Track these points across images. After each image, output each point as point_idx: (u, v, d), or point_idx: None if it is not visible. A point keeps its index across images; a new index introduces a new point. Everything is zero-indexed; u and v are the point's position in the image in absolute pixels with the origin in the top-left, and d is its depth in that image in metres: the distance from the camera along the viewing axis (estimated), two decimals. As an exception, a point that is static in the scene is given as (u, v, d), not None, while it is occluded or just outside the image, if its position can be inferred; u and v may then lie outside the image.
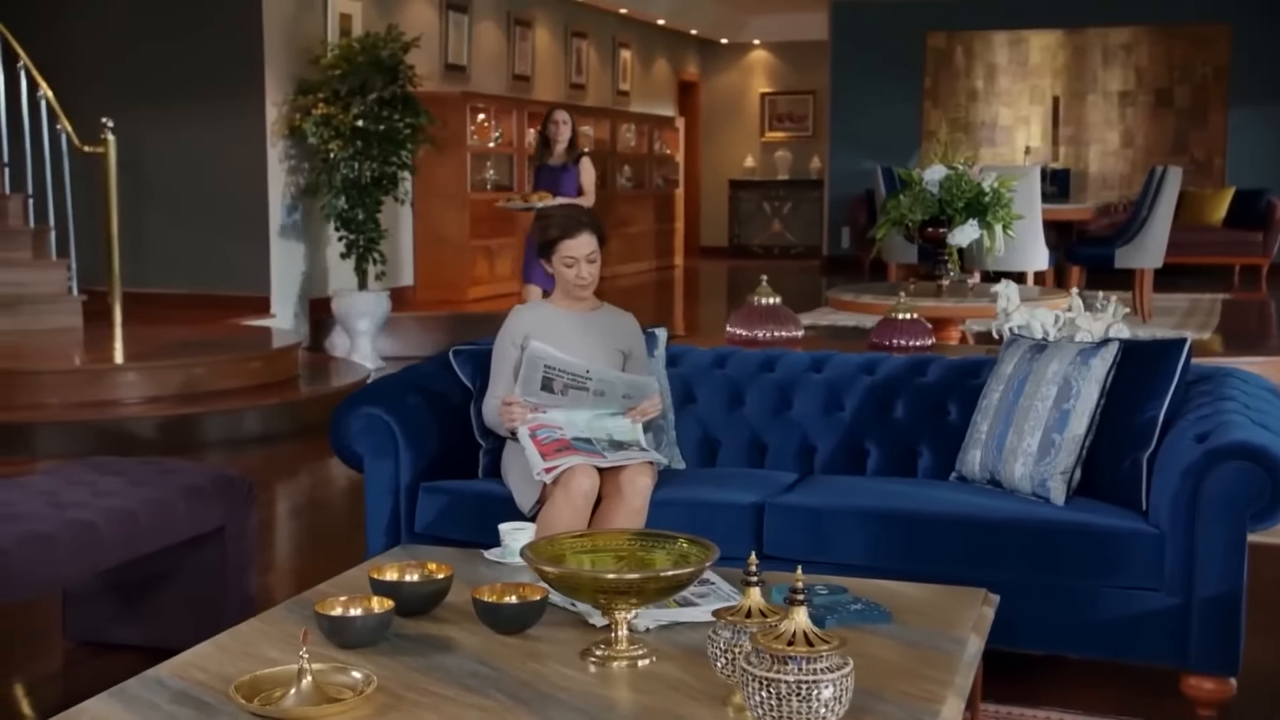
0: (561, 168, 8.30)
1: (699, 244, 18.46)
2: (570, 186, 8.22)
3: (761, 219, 18.43)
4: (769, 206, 18.39)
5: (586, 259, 3.76)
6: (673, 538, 2.62)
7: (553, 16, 14.01)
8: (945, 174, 5.94)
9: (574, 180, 8.26)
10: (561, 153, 8.31)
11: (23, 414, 6.72)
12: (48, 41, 8.97)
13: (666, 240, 16.35)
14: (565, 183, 8.24)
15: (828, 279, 14.51)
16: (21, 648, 3.76)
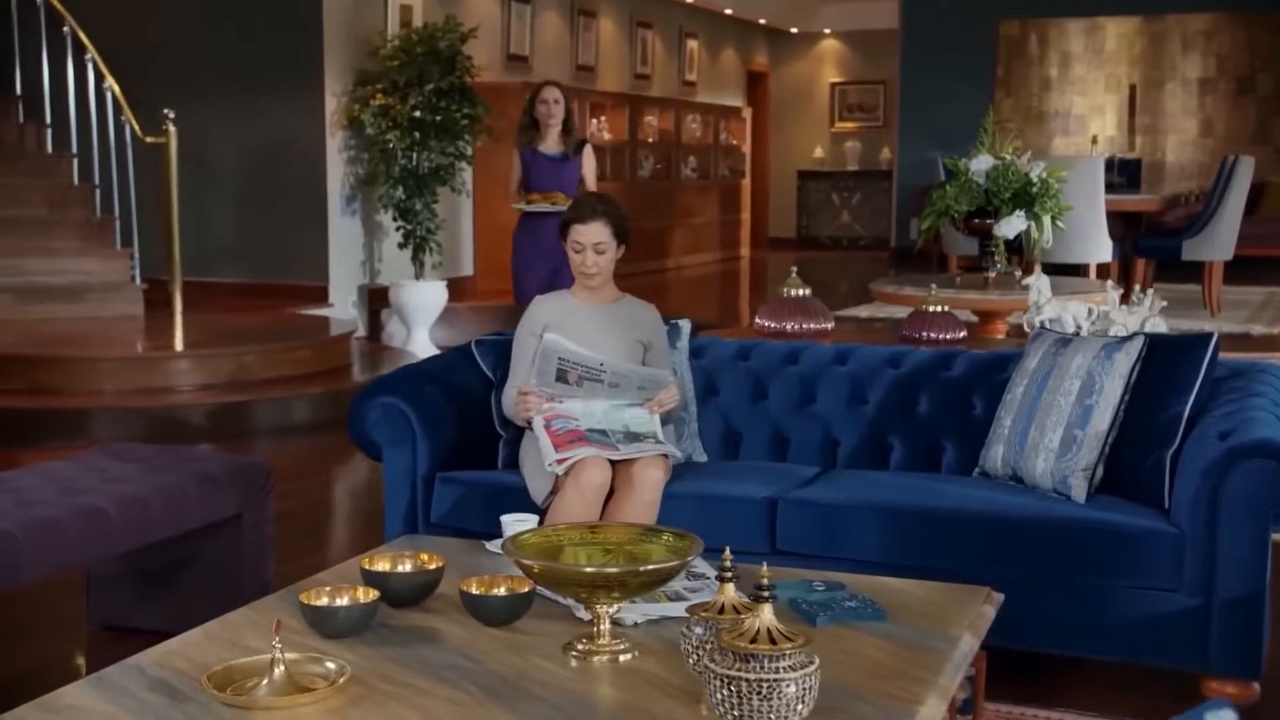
0: (560, 159, 6.87)
1: (767, 235, 18.37)
2: (572, 181, 6.88)
3: (830, 210, 18.29)
4: (838, 197, 18.24)
5: (594, 248, 3.73)
6: (659, 531, 2.59)
7: (617, 6, 13.99)
8: (992, 164, 5.84)
9: (575, 173, 6.92)
10: (557, 139, 6.86)
11: (81, 399, 6.85)
12: (113, 34, 9.11)
13: (732, 231, 16.28)
14: (566, 176, 6.86)
15: (895, 270, 14.36)
16: (45, 631, 3.82)
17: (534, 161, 6.85)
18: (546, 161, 6.85)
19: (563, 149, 6.85)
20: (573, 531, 2.67)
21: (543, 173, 6.81)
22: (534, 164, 6.85)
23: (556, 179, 6.77)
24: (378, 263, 9.88)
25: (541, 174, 6.80)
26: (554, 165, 6.83)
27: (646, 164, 14.21)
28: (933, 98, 15.66)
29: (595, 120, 13.06)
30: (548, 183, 6.73)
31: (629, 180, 13.69)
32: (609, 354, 3.74)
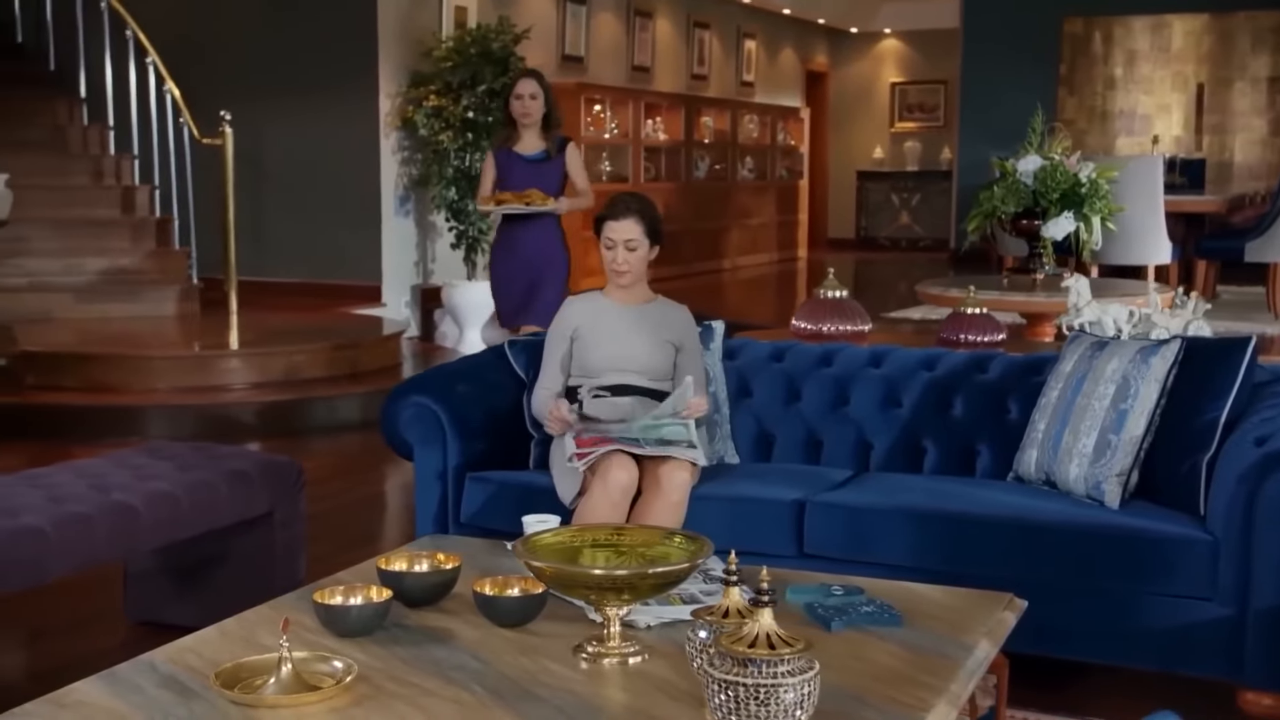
0: (540, 159, 6.00)
1: (825, 236, 18.28)
2: (554, 184, 6.00)
3: (889, 211, 18.17)
4: (897, 198, 18.11)
5: (625, 244, 3.74)
6: (671, 534, 2.58)
7: (674, 7, 13.98)
8: (1040, 164, 5.76)
9: (558, 175, 6.03)
10: (536, 138, 5.98)
11: (135, 397, 6.95)
12: (173, 37, 9.24)
13: (789, 232, 16.22)
14: (547, 179, 5.99)
15: (954, 272, 14.23)
16: (83, 626, 3.88)
17: (509, 164, 6.01)
18: (523, 163, 5.99)
19: (543, 148, 5.98)
20: (595, 533, 2.67)
21: (519, 176, 5.97)
22: (509, 166, 6.01)
23: (536, 182, 5.94)
24: (431, 263, 9.95)
25: (518, 178, 5.97)
26: (532, 167, 5.98)
27: (702, 165, 14.18)
28: (994, 97, 15.48)
29: (650, 121, 13.06)
30: (523, 186, 5.93)
31: (684, 181, 13.68)
32: (640, 353, 3.74)
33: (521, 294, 6.01)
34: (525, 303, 5.99)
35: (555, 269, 6.07)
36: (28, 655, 3.81)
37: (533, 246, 6.02)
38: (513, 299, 6.07)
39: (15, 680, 3.52)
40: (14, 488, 3.26)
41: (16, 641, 3.86)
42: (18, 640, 3.87)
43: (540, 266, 6.01)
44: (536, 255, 6.02)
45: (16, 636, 3.88)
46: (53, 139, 9.28)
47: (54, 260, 8.43)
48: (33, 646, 3.84)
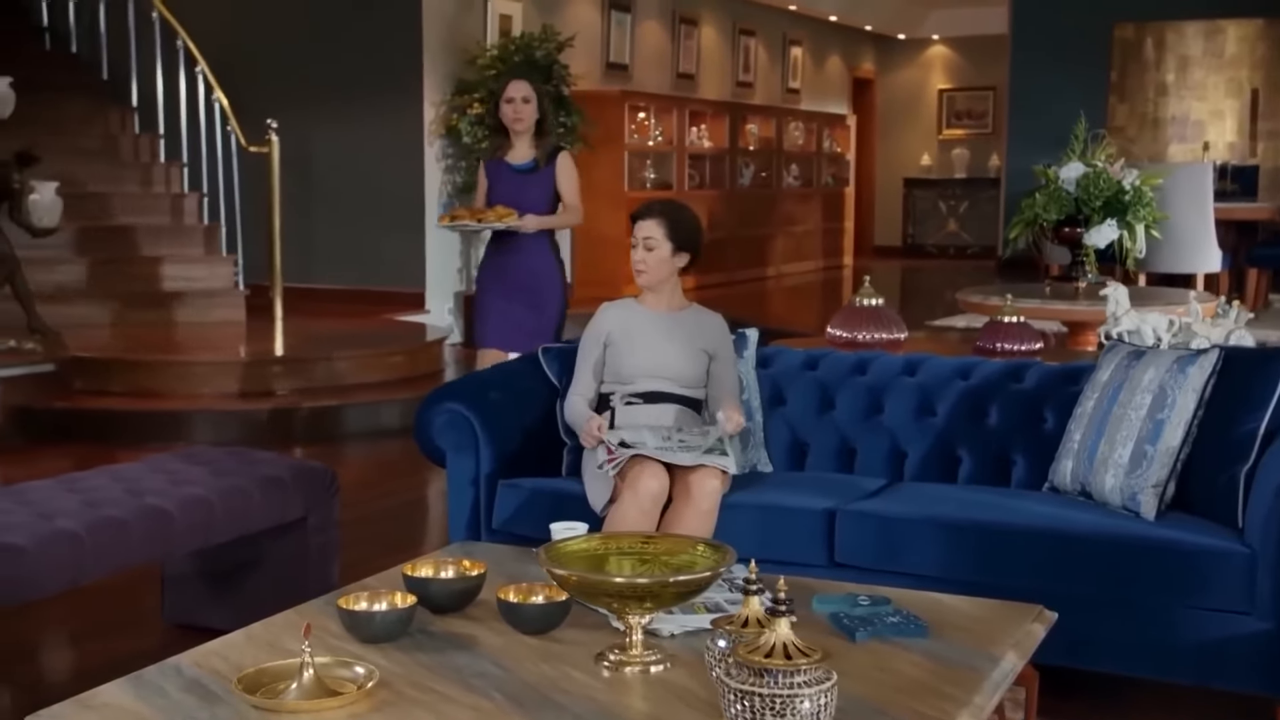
0: (529, 170, 5.32)
1: (872, 243, 18.20)
2: (541, 197, 5.31)
3: (937, 218, 18.06)
4: (945, 205, 18.00)
5: (644, 243, 3.76)
6: (696, 542, 2.58)
7: (719, 14, 13.98)
8: (1083, 172, 5.71)
9: (547, 188, 5.32)
10: (527, 147, 5.33)
11: (180, 402, 7.03)
12: (222, 47, 9.34)
13: (835, 239, 16.16)
14: (533, 192, 5.30)
15: (1002, 280, 14.13)
16: (122, 628, 3.92)
17: (497, 174, 5.38)
18: (511, 174, 5.33)
19: (532, 158, 5.33)
20: (623, 541, 2.67)
21: (505, 188, 5.31)
22: (497, 177, 5.38)
23: (521, 195, 5.26)
24: (474, 269, 9.97)
25: (504, 189, 5.31)
26: (519, 179, 5.31)
27: (747, 172, 14.16)
28: (1043, 104, 15.34)
29: (695, 128, 13.05)
30: (509, 200, 5.24)
31: (728, 188, 13.66)
32: (672, 361, 3.74)
33: (511, 318, 5.34)
34: (515, 326, 5.30)
35: (548, 292, 5.37)
36: (67, 656, 3.86)
37: (521, 268, 5.33)
38: (501, 322, 5.36)
39: (55, 680, 3.57)
40: (51, 492, 3.30)
41: (57, 642, 3.91)
42: (58, 641, 3.92)
43: (530, 289, 5.33)
44: (525, 277, 5.33)
45: (57, 638, 3.93)
46: (105, 147, 9.41)
47: (105, 267, 8.55)
48: (72, 648, 3.89)
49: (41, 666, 3.71)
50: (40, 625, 3.93)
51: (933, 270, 15.94)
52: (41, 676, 3.62)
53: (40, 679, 3.58)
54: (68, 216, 7.59)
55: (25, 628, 3.88)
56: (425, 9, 9.49)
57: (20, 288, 7.15)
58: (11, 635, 3.85)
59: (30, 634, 3.87)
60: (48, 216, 7.12)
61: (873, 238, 18.31)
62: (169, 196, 9.22)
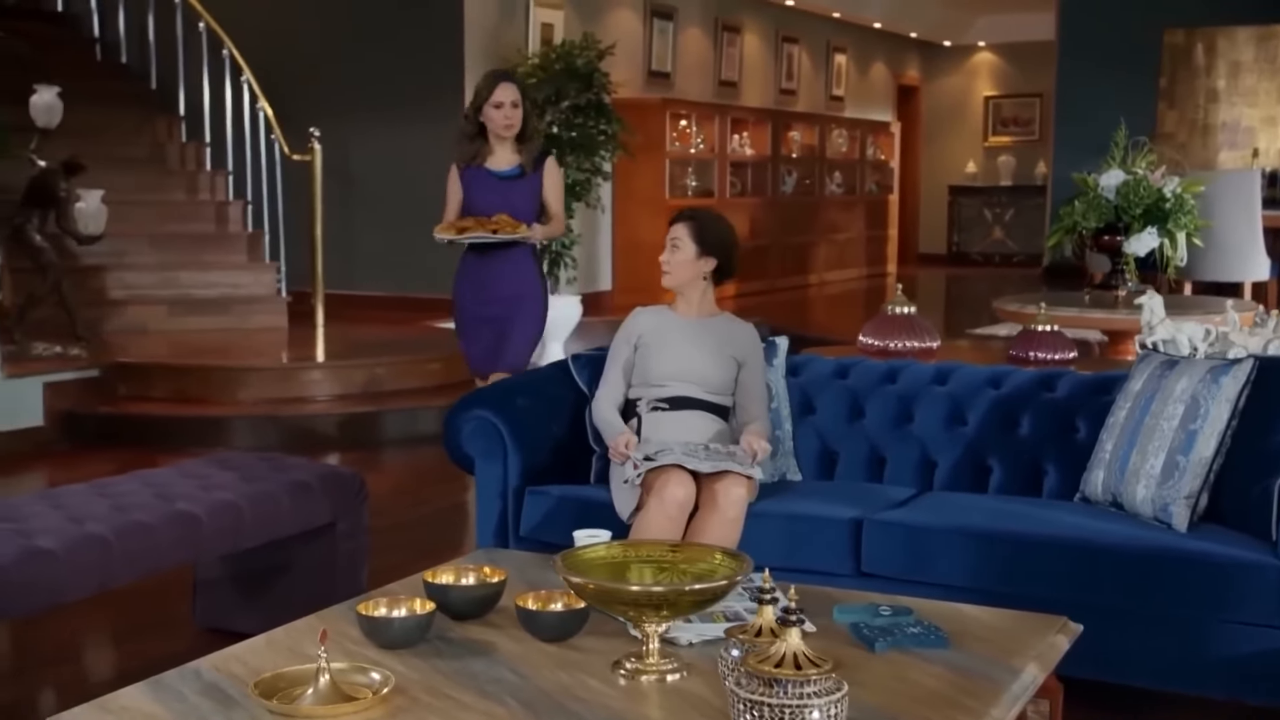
0: (514, 177, 4.92)
1: (916, 251, 18.11)
2: (528, 206, 4.90)
3: (982, 226, 17.94)
4: (990, 213, 17.88)
5: (670, 244, 3.81)
6: (712, 551, 2.57)
7: (762, 22, 13.96)
8: (1123, 179, 5.65)
9: (533, 195, 4.92)
10: (511, 152, 4.92)
11: (221, 408, 7.10)
12: (267, 56, 9.43)
13: (878, 247, 16.09)
14: (519, 200, 4.89)
15: (1047, 288, 14.01)
16: (155, 632, 3.96)
17: (475, 182, 4.91)
18: (494, 182, 4.90)
19: (517, 163, 4.92)
20: (646, 549, 2.66)
21: (486, 196, 4.88)
22: (475, 185, 4.91)
23: (504, 203, 4.86)
24: (514, 277, 10.02)
25: (484, 198, 4.88)
26: (503, 186, 4.90)
27: (789, 179, 14.13)
28: (1091, 110, 15.20)
29: (737, 136, 13.04)
30: (491, 209, 4.85)
31: (770, 196, 13.64)
32: (700, 366, 3.74)
33: (492, 337, 4.97)
34: (497, 346, 4.95)
35: (529, 308, 5.00)
36: (100, 659, 3.90)
37: (504, 282, 4.94)
38: (482, 342, 4.99)
39: (87, 682, 3.60)
40: (84, 496, 3.34)
41: (90, 645, 3.96)
42: (92, 644, 3.96)
43: (512, 304, 4.96)
44: (508, 292, 4.96)
45: (90, 640, 3.97)
46: (152, 156, 9.53)
47: (150, 274, 8.65)
48: (105, 650, 3.94)
49: (75, 669, 3.75)
50: (75, 628, 3.97)
51: (978, 278, 15.83)
52: (74, 679, 3.66)
53: (73, 681, 3.62)
54: (115, 224, 7.70)
55: (60, 630, 3.92)
56: (467, 18, 9.55)
57: (65, 294, 7.27)
58: (46, 638, 3.90)
59: (64, 637, 3.92)
60: (93, 224, 7.23)
61: (917, 245, 18.22)
62: (214, 204, 9.32)
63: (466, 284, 5.03)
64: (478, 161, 4.93)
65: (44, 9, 10.52)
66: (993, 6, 16.89)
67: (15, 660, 3.84)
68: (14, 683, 3.68)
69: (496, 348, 4.96)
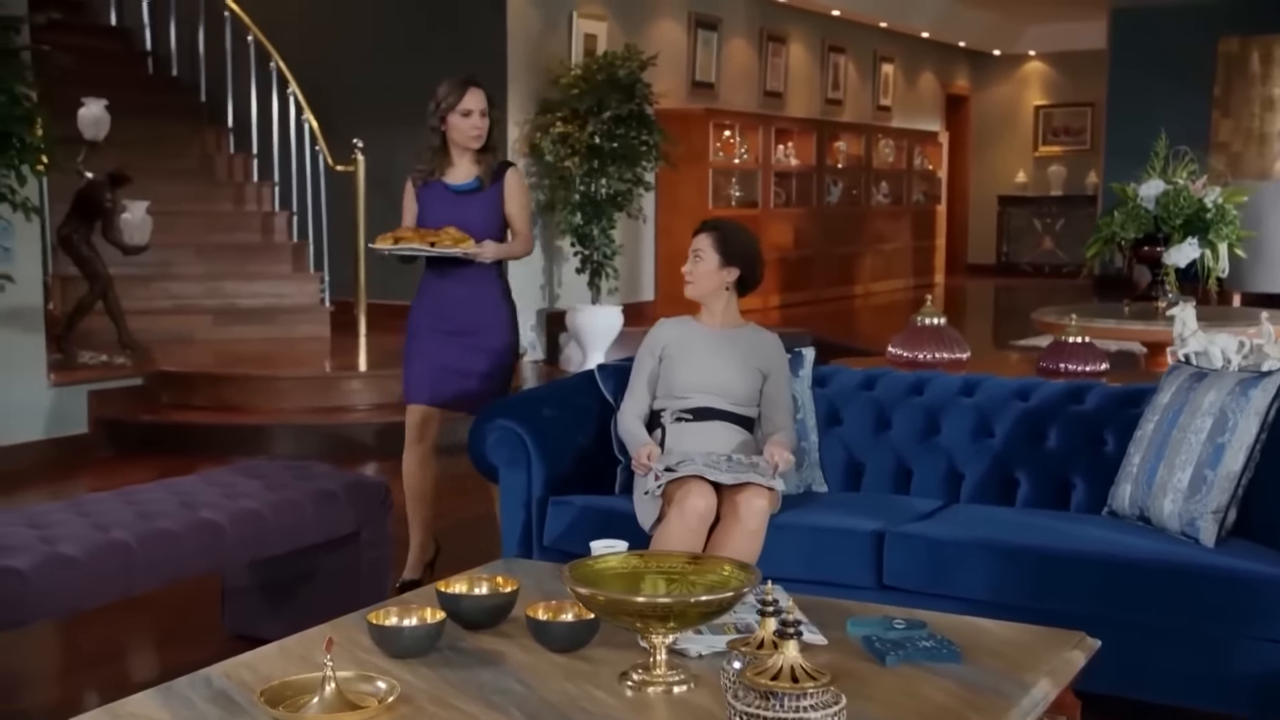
0: (471, 190, 4.39)
1: (965, 261, 17.99)
2: (486, 221, 4.36)
3: (1032, 236, 17.78)
4: (1040, 223, 17.72)
5: (694, 254, 3.82)
6: (722, 562, 2.56)
7: (808, 32, 13.92)
8: (1163, 189, 5.58)
9: (492, 210, 4.38)
10: (469, 165, 4.39)
11: (262, 416, 7.17)
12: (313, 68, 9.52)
13: (925, 257, 15.99)
14: (476, 215, 4.35)
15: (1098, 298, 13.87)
16: (185, 638, 4.00)
17: (430, 197, 4.41)
18: (450, 195, 4.38)
19: (475, 176, 4.39)
20: (662, 560, 2.66)
21: (440, 211, 4.35)
22: (430, 200, 4.40)
23: (458, 219, 4.32)
24: (557, 287, 10.06)
25: (438, 213, 4.35)
26: (459, 200, 4.37)
27: (835, 190, 14.08)
28: (1143, 120, 14.95)
29: (781, 146, 13.02)
30: (452, 224, 4.31)
31: (815, 206, 13.59)
32: (724, 378, 3.74)
33: (441, 365, 4.42)
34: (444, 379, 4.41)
35: (490, 340, 4.47)
36: (129, 665, 3.95)
37: (461, 308, 4.42)
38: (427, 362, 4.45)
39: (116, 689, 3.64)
40: (110, 504, 3.38)
41: (121, 651, 4.00)
42: (122, 650, 4.01)
43: (477, 331, 4.44)
44: (468, 322, 4.43)
45: (120, 646, 4.02)
46: (201, 167, 9.66)
47: (196, 284, 8.76)
48: (135, 656, 3.98)
49: (105, 674, 3.80)
50: (107, 634, 4.02)
51: (1027, 289, 15.69)
52: (104, 684, 3.70)
53: (102, 686, 3.65)
54: (163, 234, 7.81)
55: (93, 636, 3.98)
56: (510, 30, 9.59)
57: (112, 304, 7.37)
58: (80, 643, 3.95)
59: (97, 643, 3.97)
60: (138, 234, 7.33)
61: (966, 256, 18.09)
62: (260, 215, 9.42)
63: (425, 308, 4.50)
64: (435, 176, 4.40)
65: (99, 23, 10.70)
66: (1043, 16, 16.75)
67: (48, 665, 3.90)
68: (46, 687, 3.73)
69: (444, 380, 4.40)
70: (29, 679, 3.80)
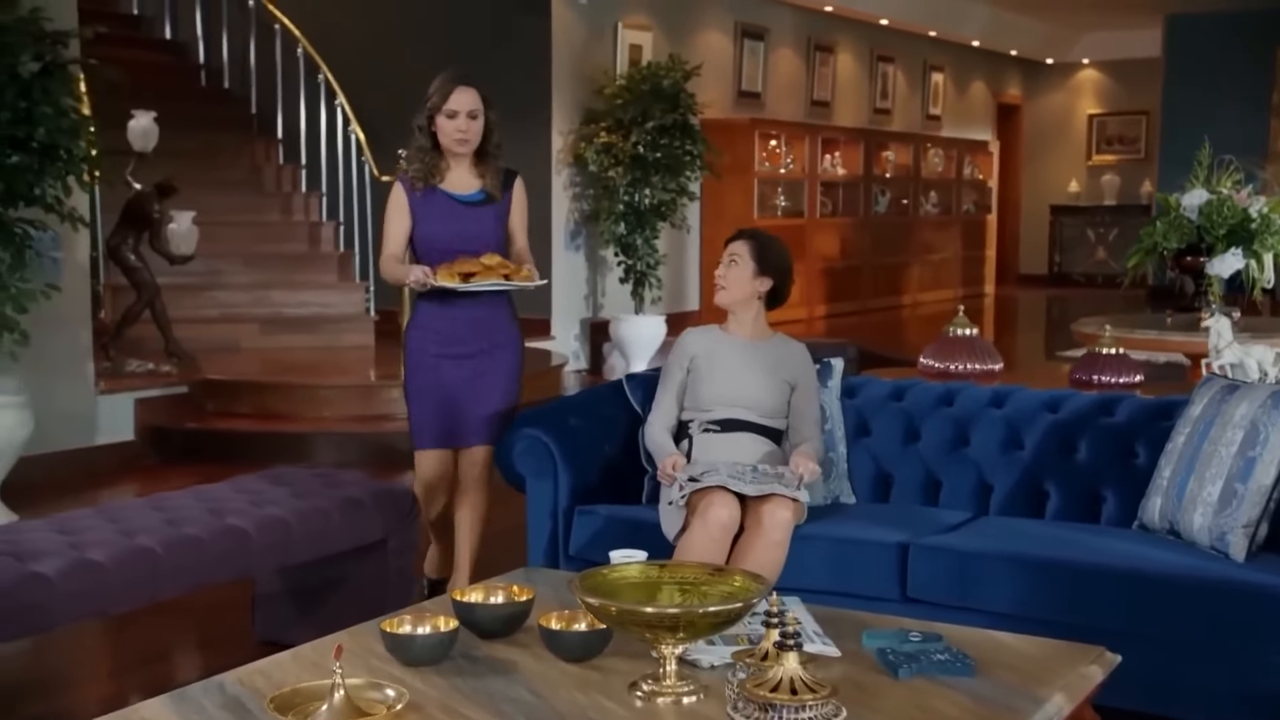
0: (479, 202, 3.98)
1: (1016, 272, 17.84)
2: (495, 237, 3.99)
3: (1085, 246, 17.61)
4: (1093, 233, 17.55)
5: (729, 258, 3.78)
6: (731, 573, 2.56)
7: (856, 41, 13.88)
8: (1206, 199, 5.52)
9: (500, 224, 4.01)
10: (467, 173, 4.00)
11: (304, 424, 7.24)
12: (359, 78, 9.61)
13: (975, 268, 15.88)
14: (485, 231, 3.96)
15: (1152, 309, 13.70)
16: (216, 644, 4.05)
17: (431, 208, 3.96)
18: (454, 207, 3.96)
19: (480, 188, 3.99)
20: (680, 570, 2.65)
21: (447, 225, 3.93)
22: (431, 212, 3.95)
23: (469, 234, 3.92)
24: (601, 297, 10.08)
25: (444, 227, 3.93)
26: (464, 213, 3.95)
27: (883, 199, 14.02)
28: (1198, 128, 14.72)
29: (829, 156, 12.98)
30: (453, 241, 3.90)
31: (862, 216, 13.54)
32: (751, 390, 3.73)
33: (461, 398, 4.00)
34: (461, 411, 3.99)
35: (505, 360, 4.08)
36: (159, 670, 3.99)
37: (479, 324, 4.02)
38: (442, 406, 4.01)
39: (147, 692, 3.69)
40: (139, 510, 3.43)
41: (152, 655, 4.05)
42: (154, 654, 4.06)
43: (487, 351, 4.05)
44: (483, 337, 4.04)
45: (153, 651, 4.07)
46: (250, 178, 9.77)
47: (244, 293, 8.86)
48: (165, 662, 4.03)
49: (135, 680, 3.84)
50: (140, 638, 4.07)
51: (1080, 299, 15.53)
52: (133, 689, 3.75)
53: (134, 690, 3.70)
54: (211, 244, 7.91)
55: (123, 641, 4.03)
56: (555, 40, 9.64)
57: (159, 312, 7.47)
58: (112, 649, 4.01)
59: (129, 647, 4.02)
60: (185, 244, 7.42)
61: (1017, 266, 17.94)
62: (307, 224, 9.52)
63: (428, 336, 4.05)
64: (430, 182, 3.95)
65: (155, 37, 10.86)
66: (1096, 24, 16.60)
67: (82, 670, 3.95)
68: (77, 691, 3.79)
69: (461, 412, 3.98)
70: (64, 682, 3.86)
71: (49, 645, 3.92)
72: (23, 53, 5.25)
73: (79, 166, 5.57)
